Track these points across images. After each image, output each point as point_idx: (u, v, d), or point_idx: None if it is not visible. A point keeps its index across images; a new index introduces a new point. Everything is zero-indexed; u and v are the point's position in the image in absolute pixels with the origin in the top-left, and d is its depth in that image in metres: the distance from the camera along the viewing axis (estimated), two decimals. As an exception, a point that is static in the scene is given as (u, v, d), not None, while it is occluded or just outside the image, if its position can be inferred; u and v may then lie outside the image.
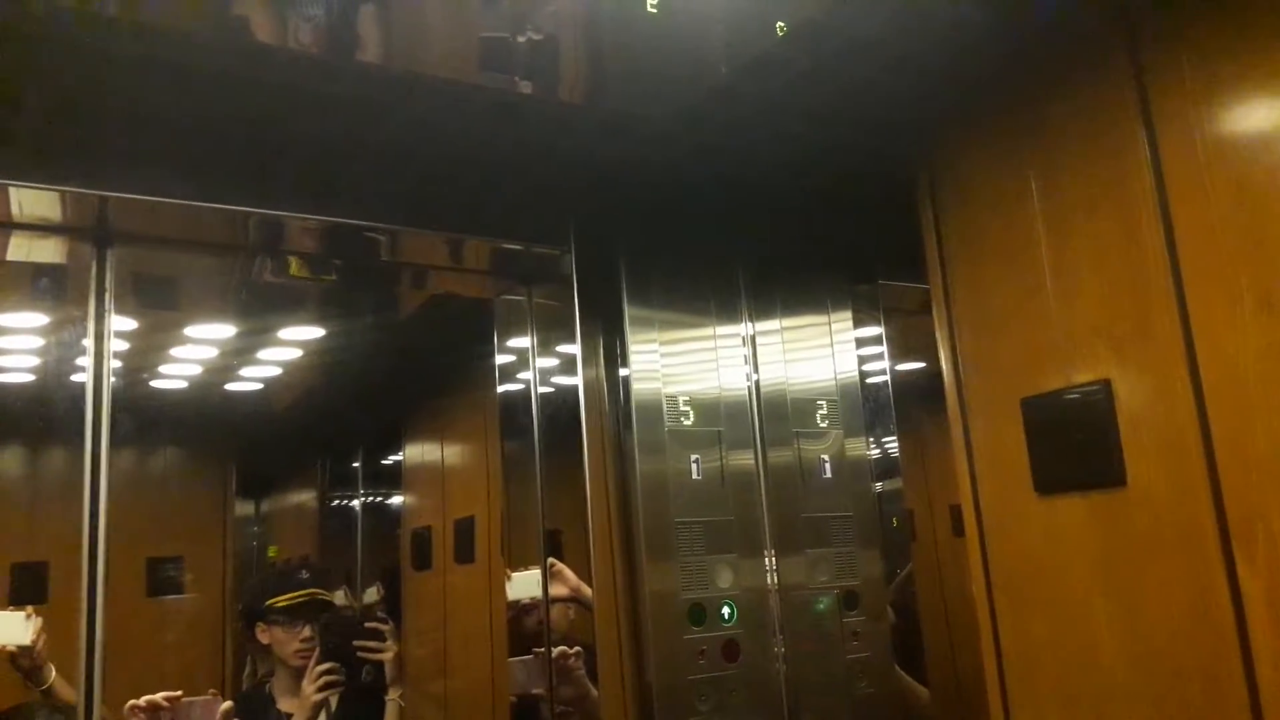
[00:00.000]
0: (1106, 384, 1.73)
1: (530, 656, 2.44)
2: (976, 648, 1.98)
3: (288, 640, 2.70)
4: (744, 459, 2.42)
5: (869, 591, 2.48)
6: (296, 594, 2.77)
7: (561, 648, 2.37)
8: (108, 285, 2.06)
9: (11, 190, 1.87)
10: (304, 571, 2.97)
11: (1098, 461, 1.73)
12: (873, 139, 2.19)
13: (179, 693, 2.21)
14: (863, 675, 2.42)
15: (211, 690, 2.29)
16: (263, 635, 2.76)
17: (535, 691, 2.41)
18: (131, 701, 2.17)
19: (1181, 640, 1.61)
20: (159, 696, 2.19)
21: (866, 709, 2.41)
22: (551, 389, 2.49)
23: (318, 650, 2.60)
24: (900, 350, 2.86)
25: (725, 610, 2.30)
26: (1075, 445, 1.78)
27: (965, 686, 2.83)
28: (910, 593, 2.88)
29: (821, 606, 2.42)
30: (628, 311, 2.37)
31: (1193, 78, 1.62)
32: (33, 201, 1.93)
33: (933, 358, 2.12)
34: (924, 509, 3.14)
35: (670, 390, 2.36)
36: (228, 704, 2.28)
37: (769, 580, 2.38)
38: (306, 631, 2.66)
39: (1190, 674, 1.60)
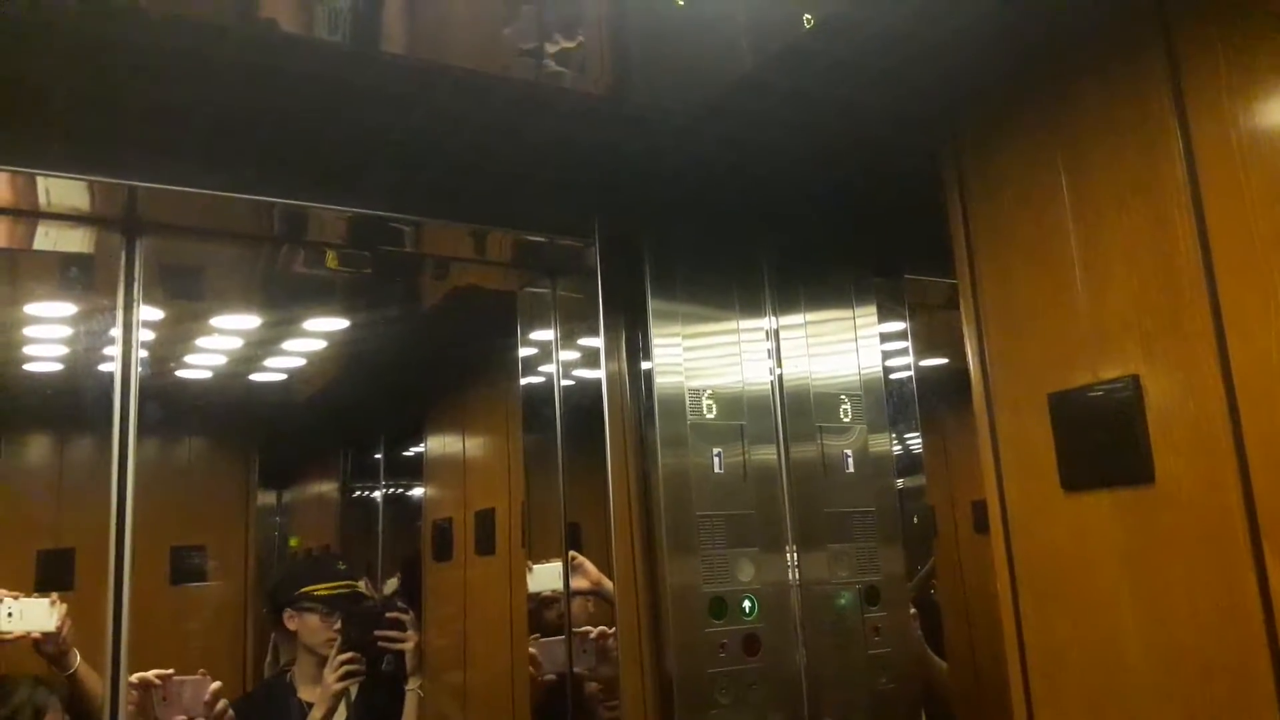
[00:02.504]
0: (1135, 380, 1.71)
1: (560, 638, 2.45)
2: (997, 644, 1.97)
3: (320, 629, 2.72)
4: (766, 453, 2.41)
5: (890, 587, 2.47)
6: (336, 585, 2.79)
7: (601, 628, 2.37)
8: (136, 275, 2.07)
9: (40, 180, 1.89)
10: (340, 563, 3.00)
11: (1126, 458, 1.72)
12: (900, 132, 2.17)
13: (171, 671, 2.24)
14: (884, 670, 2.41)
15: (201, 670, 2.31)
16: (290, 622, 2.78)
17: (573, 670, 2.42)
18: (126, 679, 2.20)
19: (1209, 637, 1.60)
20: (151, 674, 2.23)
21: (887, 704, 2.40)
22: (574, 382, 2.50)
23: (339, 640, 2.62)
24: (925, 345, 2.85)
25: (746, 604, 2.30)
26: (1103, 442, 1.76)
27: (985, 682, 2.82)
28: (931, 588, 2.87)
29: (843, 602, 2.41)
30: (651, 305, 2.37)
31: (1228, 69, 1.60)
32: (62, 191, 1.94)
33: (957, 353, 2.10)
34: (946, 505, 3.13)
35: (693, 384, 2.36)
36: (217, 683, 2.31)
37: (790, 575, 2.38)
38: (340, 623, 2.68)
39: (1218, 671, 1.58)
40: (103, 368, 2.11)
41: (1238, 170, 1.58)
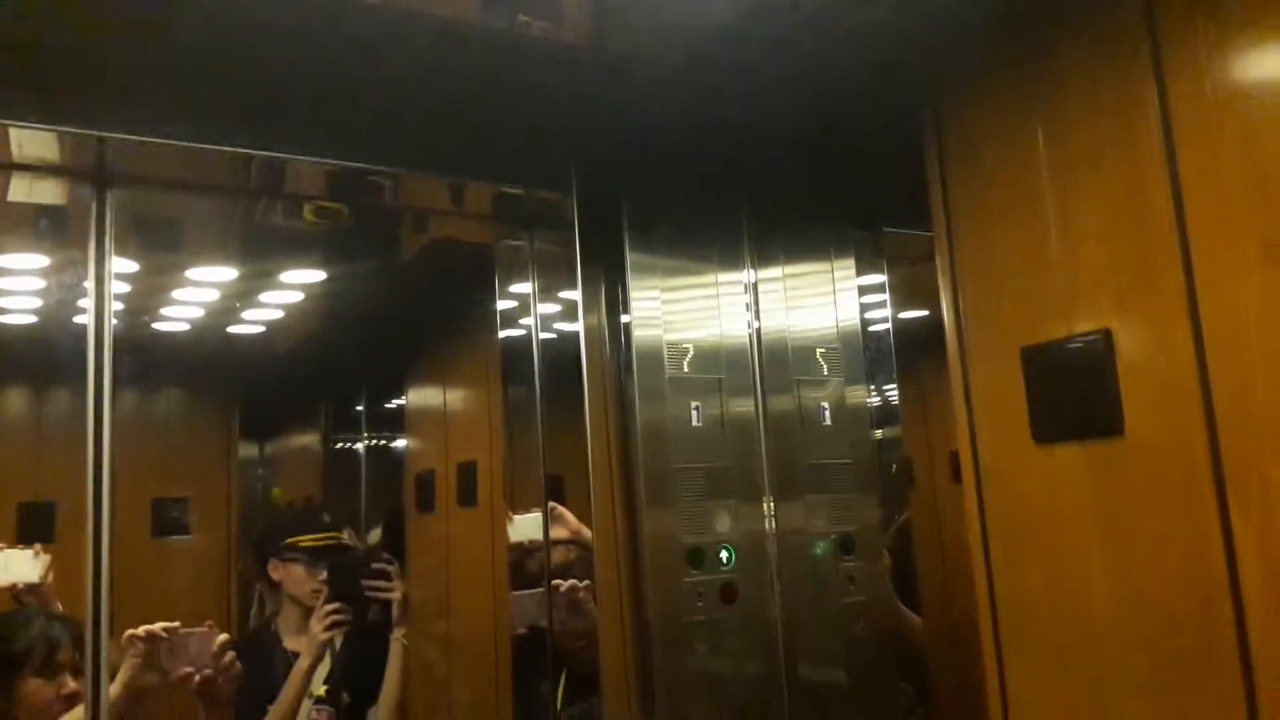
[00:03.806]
0: (1107, 333, 1.73)
1: (539, 590, 2.47)
2: (973, 594, 2.00)
3: (306, 580, 2.74)
4: (744, 406, 2.43)
5: (866, 537, 2.51)
6: (322, 536, 2.82)
7: (572, 581, 2.40)
8: (108, 227, 2.05)
9: (12, 131, 1.86)
10: (326, 515, 3.02)
11: (1096, 411, 1.74)
12: (880, 84, 2.16)
13: (176, 623, 2.25)
14: (858, 618, 2.45)
15: (208, 622, 2.32)
16: (275, 572, 2.80)
17: (542, 624, 2.45)
18: (130, 631, 2.21)
19: (1175, 589, 1.63)
20: (157, 626, 2.23)
21: (862, 651, 2.44)
22: (553, 335, 2.50)
23: (325, 590, 2.64)
24: (903, 298, 2.85)
25: (723, 554, 2.33)
26: (1074, 395, 1.78)
27: (960, 632, 2.88)
28: (907, 539, 2.91)
29: (819, 551, 2.44)
30: (629, 258, 2.36)
31: (1205, 25, 1.59)
32: (31, 142, 1.91)
33: (935, 306, 2.11)
34: (923, 456, 3.16)
35: (671, 337, 2.36)
36: (224, 635, 2.32)
37: (767, 525, 2.40)
38: (325, 573, 2.70)
39: (1183, 622, 1.62)
40: (77, 320, 2.09)
41: (1213, 127, 1.58)
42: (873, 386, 2.68)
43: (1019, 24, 1.89)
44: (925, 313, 2.83)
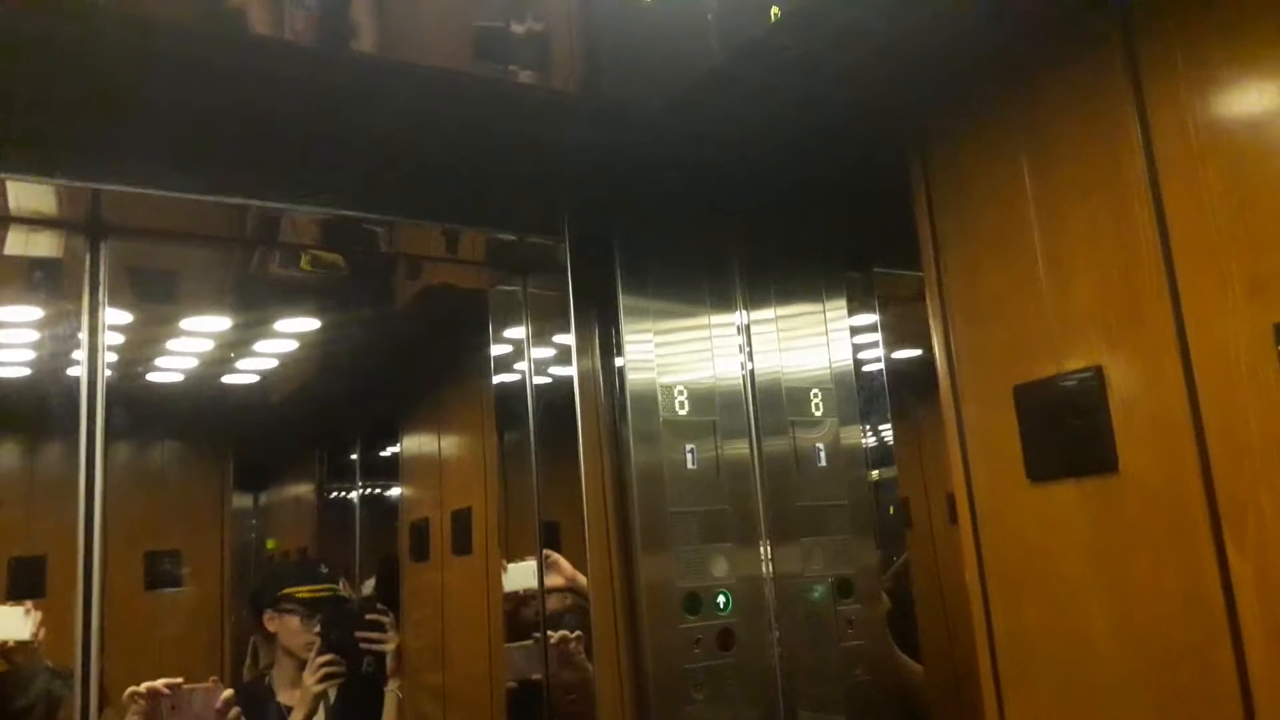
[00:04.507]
0: (1099, 370, 1.73)
1: (529, 642, 2.45)
2: (973, 637, 1.99)
3: (300, 632, 2.71)
4: (739, 448, 2.42)
5: (863, 580, 2.49)
6: (318, 588, 2.79)
7: (562, 632, 2.37)
8: (101, 278, 2.06)
9: (9, 184, 1.87)
10: (323, 566, 2.99)
11: (1090, 448, 1.74)
12: (866, 125, 2.18)
13: (180, 680, 2.22)
14: (857, 663, 2.43)
15: (213, 678, 2.29)
16: (271, 623, 2.77)
17: (534, 677, 2.42)
18: (131, 689, 2.17)
19: (1173, 624, 1.62)
20: (160, 683, 2.19)
21: (861, 696, 2.42)
22: (547, 379, 2.50)
23: (319, 641, 2.61)
24: (895, 338, 2.86)
25: (720, 599, 2.31)
26: (1067, 432, 1.78)
27: (962, 673, 2.84)
28: (906, 580, 2.89)
29: (816, 595, 2.42)
30: (622, 301, 2.37)
31: (1185, 62, 1.62)
32: (27, 194, 1.92)
33: (928, 345, 2.12)
34: (920, 496, 3.15)
35: (665, 380, 2.37)
36: (228, 692, 2.28)
37: (764, 569, 2.39)
38: (319, 625, 2.67)
39: (1182, 657, 1.60)
40: (70, 371, 2.09)
41: (1195, 162, 1.60)
42: (868, 427, 2.68)
43: (1001, 63, 1.92)
44: (919, 352, 2.85)
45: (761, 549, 2.40)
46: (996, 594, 1.92)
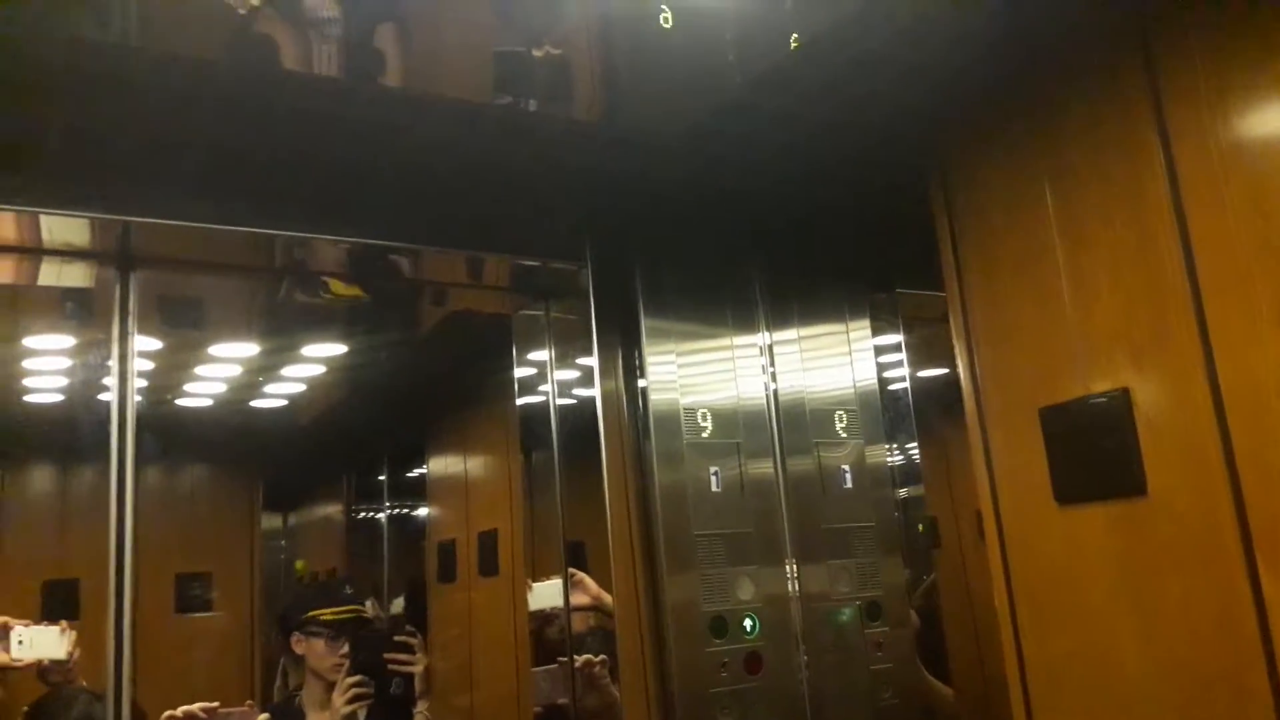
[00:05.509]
0: (1125, 393, 1.72)
1: (554, 666, 2.44)
2: (1003, 660, 1.97)
3: (327, 654, 2.72)
4: (763, 469, 2.42)
5: (891, 601, 2.47)
6: (342, 609, 2.80)
7: (587, 656, 2.37)
8: (131, 308, 2.09)
9: (43, 218, 1.91)
10: (348, 587, 3.01)
11: (1118, 471, 1.72)
12: (887, 149, 2.18)
13: (215, 704, 2.23)
14: (886, 686, 2.41)
15: (248, 701, 2.31)
16: (298, 645, 2.79)
17: (560, 701, 2.42)
18: (168, 713, 2.19)
19: (1206, 649, 1.60)
20: (196, 707, 2.20)
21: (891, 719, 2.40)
22: (570, 401, 2.51)
23: (348, 663, 2.62)
24: (920, 358, 2.85)
25: (747, 623, 2.30)
26: (1095, 455, 1.76)
27: (993, 695, 2.81)
28: (935, 600, 2.86)
29: (844, 617, 2.41)
30: (644, 323, 2.38)
31: (1206, 85, 1.61)
32: (60, 228, 1.97)
33: (953, 365, 2.11)
34: (948, 515, 3.12)
35: (688, 401, 2.37)
36: (264, 716, 2.29)
37: (791, 591, 2.38)
38: (347, 647, 2.68)
39: (1215, 683, 1.58)
40: (101, 398, 2.13)
41: (1219, 183, 1.58)
42: (893, 446, 2.66)
43: (1021, 87, 1.92)
44: (944, 371, 2.83)
45: (788, 571, 2.39)
46: (1025, 618, 1.91)
